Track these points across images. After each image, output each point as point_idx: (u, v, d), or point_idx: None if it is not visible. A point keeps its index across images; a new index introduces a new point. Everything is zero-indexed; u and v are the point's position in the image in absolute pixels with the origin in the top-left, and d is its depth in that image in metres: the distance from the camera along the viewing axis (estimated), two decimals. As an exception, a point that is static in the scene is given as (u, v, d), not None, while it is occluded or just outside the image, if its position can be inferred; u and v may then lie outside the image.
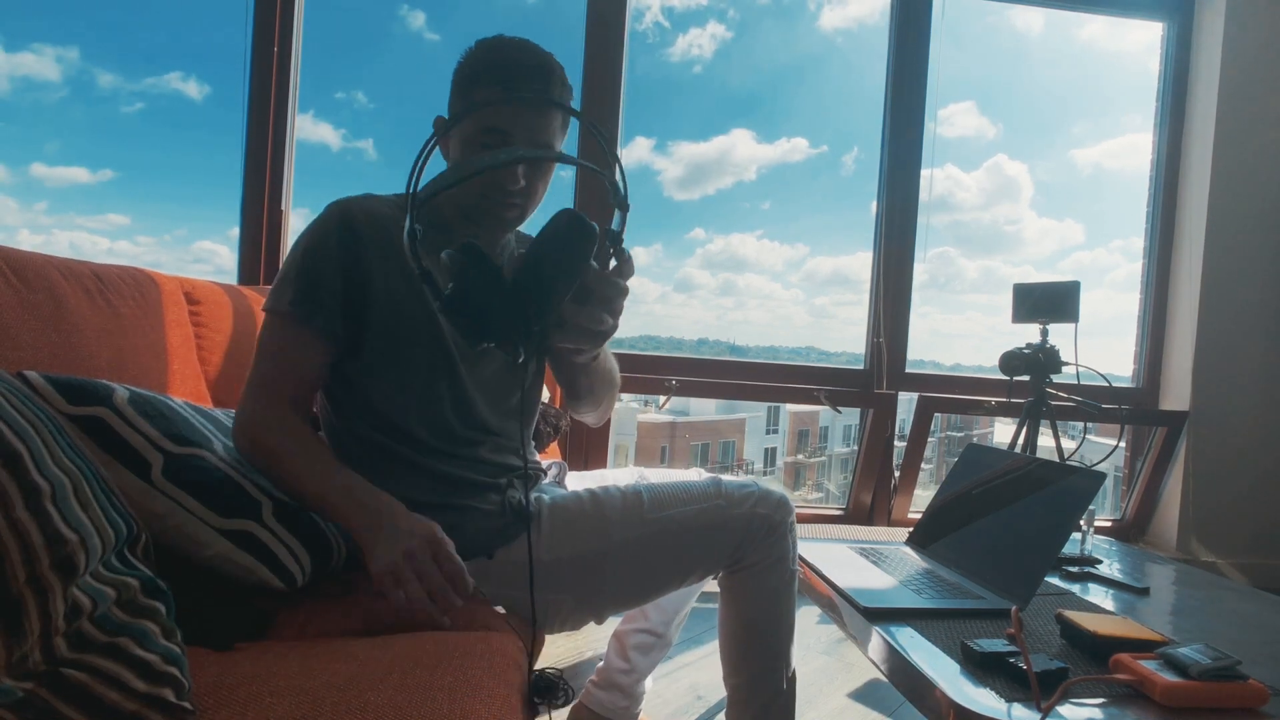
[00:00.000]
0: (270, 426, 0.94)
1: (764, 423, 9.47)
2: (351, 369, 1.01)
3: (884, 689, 1.68)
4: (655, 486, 1.13)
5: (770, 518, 1.11)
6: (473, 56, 1.00)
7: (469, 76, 1.00)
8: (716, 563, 1.12)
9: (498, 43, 1.00)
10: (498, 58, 0.98)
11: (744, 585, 1.13)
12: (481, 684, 0.72)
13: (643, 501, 1.09)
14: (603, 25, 2.37)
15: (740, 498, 1.11)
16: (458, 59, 1.02)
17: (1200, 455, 2.53)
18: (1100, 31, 3.07)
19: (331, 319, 0.97)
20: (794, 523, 1.16)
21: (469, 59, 1.01)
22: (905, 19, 2.52)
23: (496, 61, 0.98)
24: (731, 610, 1.15)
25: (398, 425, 1.02)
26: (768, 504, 1.12)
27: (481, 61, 0.99)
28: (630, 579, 1.09)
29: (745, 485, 1.14)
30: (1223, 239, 2.52)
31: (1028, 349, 1.98)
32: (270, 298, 0.98)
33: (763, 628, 1.13)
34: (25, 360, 0.92)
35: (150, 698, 0.56)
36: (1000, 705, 0.84)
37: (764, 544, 1.11)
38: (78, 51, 7.42)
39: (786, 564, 1.14)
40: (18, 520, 0.54)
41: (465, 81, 1.00)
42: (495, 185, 0.98)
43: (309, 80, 2.37)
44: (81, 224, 8.99)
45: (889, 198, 2.53)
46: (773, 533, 1.11)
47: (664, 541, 1.07)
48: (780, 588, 1.13)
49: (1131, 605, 1.26)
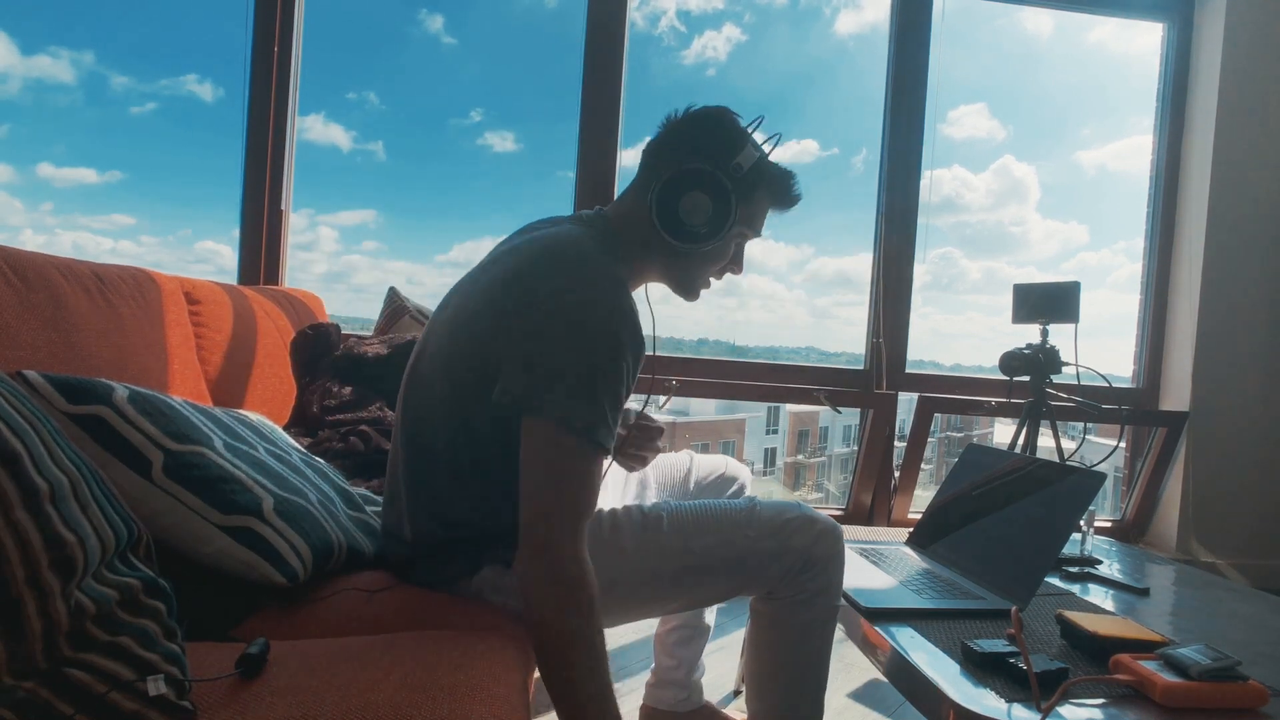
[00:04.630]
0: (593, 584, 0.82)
1: (764, 423, 9.47)
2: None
3: (884, 689, 1.68)
4: (680, 508, 1.04)
5: (809, 551, 0.99)
6: (764, 164, 0.99)
7: (760, 179, 0.99)
8: (742, 593, 1.04)
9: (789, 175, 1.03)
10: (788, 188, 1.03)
11: (773, 616, 1.04)
12: (481, 684, 0.72)
13: (662, 527, 1.00)
14: (603, 28, 2.37)
15: (775, 527, 0.99)
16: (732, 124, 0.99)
17: (1200, 455, 2.53)
18: (1108, 34, 3.07)
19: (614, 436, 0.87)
20: (840, 554, 1.03)
21: (763, 163, 0.99)
22: (906, 20, 2.52)
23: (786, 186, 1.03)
24: (759, 637, 1.07)
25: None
26: (806, 535, 0.99)
27: (780, 178, 1.02)
28: (642, 604, 1.03)
29: (785, 510, 1.02)
30: (1223, 239, 2.52)
31: (1028, 349, 1.98)
32: (582, 415, 0.82)
33: (787, 663, 1.04)
34: (25, 360, 0.92)
35: (150, 697, 0.56)
36: (1000, 705, 0.84)
37: (799, 579, 1.00)
38: (93, 54, 7.44)
39: (826, 599, 1.02)
40: (17, 521, 0.54)
41: (768, 181, 1.00)
42: (724, 270, 1.06)
43: (320, 81, 2.38)
44: (86, 224, 9.01)
45: (889, 199, 2.53)
46: (810, 567, 1.00)
47: (680, 573, 0.99)
48: (813, 624, 1.02)
49: (1131, 606, 1.25)
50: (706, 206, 0.94)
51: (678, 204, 0.94)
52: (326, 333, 1.75)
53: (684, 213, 0.95)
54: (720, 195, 0.94)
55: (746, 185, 0.97)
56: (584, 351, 0.83)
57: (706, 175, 0.94)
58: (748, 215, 1.01)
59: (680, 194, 0.94)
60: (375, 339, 1.82)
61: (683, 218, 0.95)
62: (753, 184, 0.99)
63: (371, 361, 1.72)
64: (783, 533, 0.99)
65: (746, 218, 1.01)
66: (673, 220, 0.95)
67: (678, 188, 0.94)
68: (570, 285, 0.87)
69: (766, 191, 1.02)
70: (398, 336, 1.84)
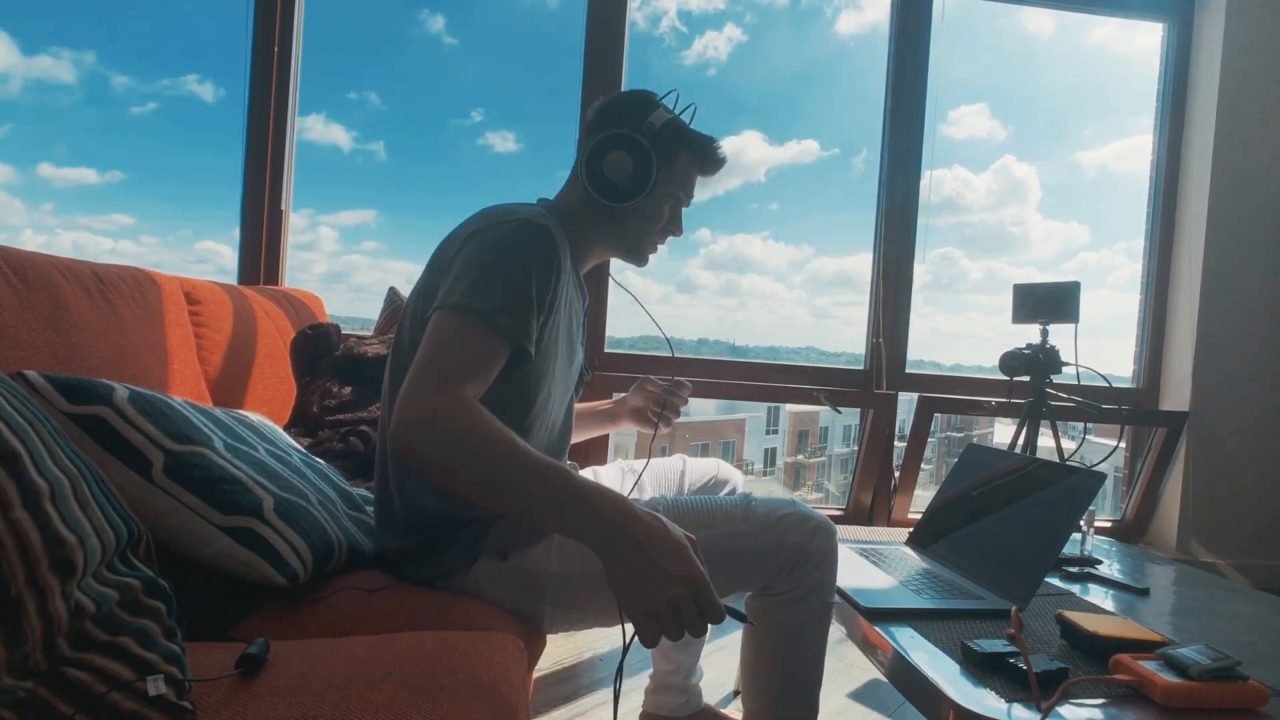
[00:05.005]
0: (453, 410, 0.79)
1: (764, 423, 9.47)
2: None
3: (884, 689, 1.68)
4: (677, 502, 1.07)
5: (803, 547, 1.01)
6: (678, 128, 1.09)
7: (679, 141, 1.09)
8: (737, 588, 1.05)
9: (710, 139, 1.13)
10: (709, 150, 1.12)
11: (767, 613, 1.05)
12: (481, 684, 0.72)
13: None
14: (603, 28, 2.37)
15: (770, 523, 1.02)
16: (646, 98, 1.11)
17: (1200, 455, 2.53)
18: (1108, 34, 3.07)
19: (529, 336, 0.91)
20: (834, 551, 1.05)
21: (676, 126, 1.09)
22: (906, 20, 2.52)
23: (708, 149, 1.12)
24: (753, 633, 1.08)
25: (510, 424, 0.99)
26: (801, 531, 1.02)
27: (700, 142, 1.11)
28: None
29: (779, 506, 1.04)
30: (1223, 239, 2.52)
31: (1028, 349, 1.98)
32: (466, 295, 0.87)
33: (783, 661, 1.05)
34: (25, 360, 0.92)
35: (150, 697, 0.56)
36: (1000, 705, 0.84)
37: (793, 575, 1.02)
38: (94, 54, 7.47)
39: (819, 596, 1.04)
40: (16, 521, 0.54)
41: (686, 142, 1.10)
42: (665, 232, 1.15)
43: (321, 81, 2.38)
44: (87, 224, 9.02)
45: (889, 198, 2.54)
46: (804, 563, 1.02)
47: None
48: (807, 621, 1.04)
49: (1131, 606, 1.25)
50: (628, 163, 1.04)
51: (602, 166, 1.05)
52: (326, 333, 1.75)
53: (609, 171, 1.05)
54: (638, 152, 1.04)
55: (665, 146, 1.07)
56: (488, 258, 0.91)
57: (623, 136, 1.05)
58: (673, 176, 1.10)
59: (603, 156, 1.05)
60: (375, 339, 1.82)
61: (609, 176, 1.05)
62: (672, 145, 1.08)
63: (371, 361, 1.72)
64: (777, 528, 1.01)
65: (673, 179, 1.10)
66: (601, 182, 1.05)
67: (601, 152, 1.05)
68: (488, 222, 0.96)
69: (689, 153, 1.11)
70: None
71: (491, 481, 0.78)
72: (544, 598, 0.99)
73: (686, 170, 1.12)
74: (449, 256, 0.95)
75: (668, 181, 1.09)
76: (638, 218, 1.10)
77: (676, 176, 1.11)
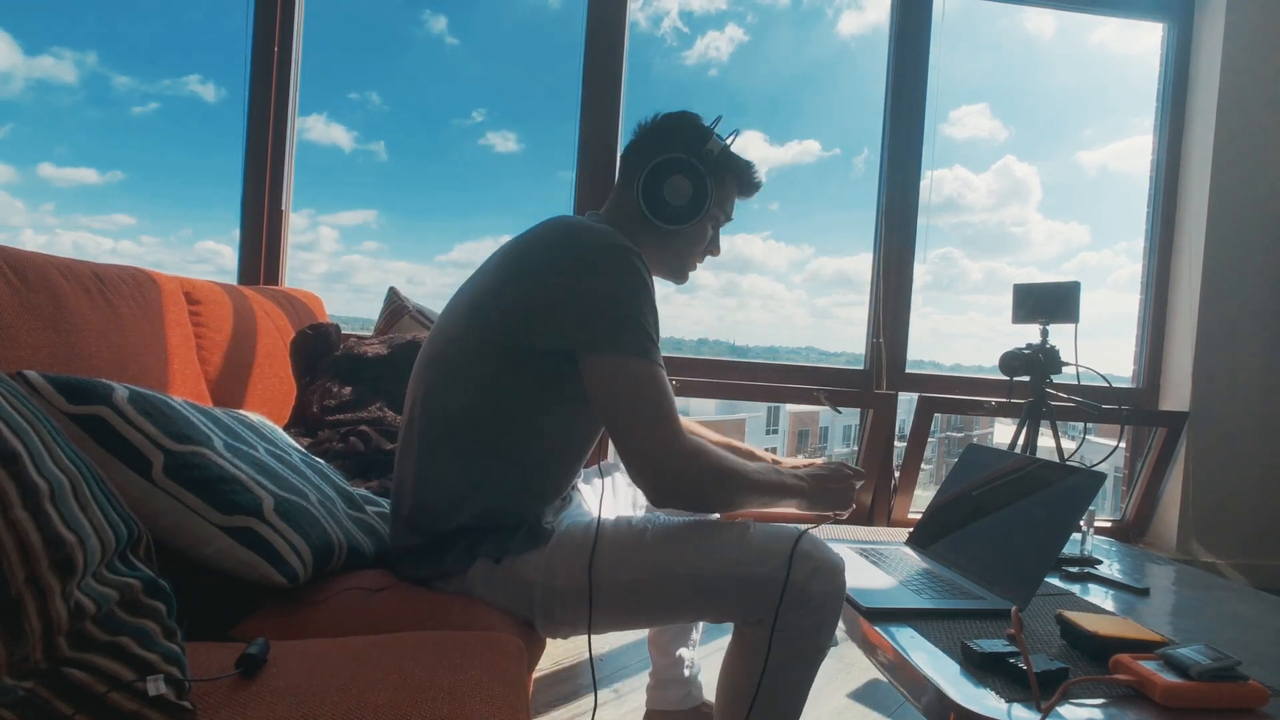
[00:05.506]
0: (690, 463, 0.94)
1: (764, 423, 9.46)
2: (573, 391, 0.97)
3: (884, 689, 1.68)
4: (667, 524, 1.03)
5: (805, 587, 0.94)
6: (728, 154, 1.14)
7: (727, 167, 1.14)
8: (725, 618, 1.02)
9: (750, 164, 1.18)
10: (751, 175, 1.19)
11: (750, 643, 0.99)
12: (481, 684, 0.72)
13: (645, 540, 1.00)
14: (604, 28, 2.37)
15: (767, 554, 0.96)
16: (697, 122, 1.14)
17: (1200, 456, 2.53)
18: (1110, 35, 3.07)
19: None
20: (839, 593, 0.97)
21: (726, 153, 1.13)
22: (906, 20, 2.52)
23: (749, 173, 1.18)
24: (735, 658, 1.03)
25: (549, 445, 1.04)
26: (801, 568, 0.94)
27: (743, 167, 1.17)
28: (625, 615, 1.02)
29: (780, 538, 0.97)
30: (1223, 239, 2.52)
31: (1028, 349, 1.98)
32: (632, 341, 0.93)
33: (760, 695, 0.98)
34: (25, 360, 0.92)
35: (150, 697, 0.56)
36: (1000, 706, 0.84)
37: (787, 614, 0.94)
38: (95, 55, 7.48)
39: (810, 640, 0.97)
40: (16, 520, 0.54)
41: (733, 168, 1.15)
42: (705, 251, 1.21)
43: (322, 81, 2.38)
44: (88, 224, 9.05)
45: (889, 198, 2.53)
46: (804, 604, 0.94)
47: (662, 588, 0.98)
48: (792, 663, 0.97)
49: (1131, 606, 1.25)
50: (687, 188, 1.09)
51: (662, 189, 1.08)
52: (326, 333, 1.75)
53: (668, 195, 1.09)
54: (697, 178, 1.09)
55: (717, 171, 1.12)
56: (615, 286, 0.95)
57: (684, 162, 1.09)
58: (720, 199, 1.15)
59: (663, 180, 1.08)
60: (375, 339, 1.82)
61: (668, 199, 1.09)
62: (722, 170, 1.14)
63: (372, 361, 1.72)
64: (772, 561, 0.95)
65: (719, 201, 1.15)
66: (659, 204, 1.09)
67: (660, 175, 1.08)
68: (590, 239, 0.99)
69: (733, 178, 1.17)
70: (398, 336, 1.84)
71: (731, 502, 1.00)
72: (532, 605, 0.99)
73: (729, 191, 1.17)
74: (557, 268, 0.96)
75: (715, 204, 1.13)
76: (684, 239, 1.14)
77: (722, 199, 1.16)
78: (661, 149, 1.09)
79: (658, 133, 1.13)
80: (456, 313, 1.05)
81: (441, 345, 1.05)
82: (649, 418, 0.93)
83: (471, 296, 1.04)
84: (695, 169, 1.08)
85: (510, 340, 0.97)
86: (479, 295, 1.03)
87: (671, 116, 1.14)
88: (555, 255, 0.98)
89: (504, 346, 0.98)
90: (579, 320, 0.94)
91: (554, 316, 0.95)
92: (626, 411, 0.93)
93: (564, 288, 0.95)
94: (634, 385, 0.93)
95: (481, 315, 1.01)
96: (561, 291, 0.95)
